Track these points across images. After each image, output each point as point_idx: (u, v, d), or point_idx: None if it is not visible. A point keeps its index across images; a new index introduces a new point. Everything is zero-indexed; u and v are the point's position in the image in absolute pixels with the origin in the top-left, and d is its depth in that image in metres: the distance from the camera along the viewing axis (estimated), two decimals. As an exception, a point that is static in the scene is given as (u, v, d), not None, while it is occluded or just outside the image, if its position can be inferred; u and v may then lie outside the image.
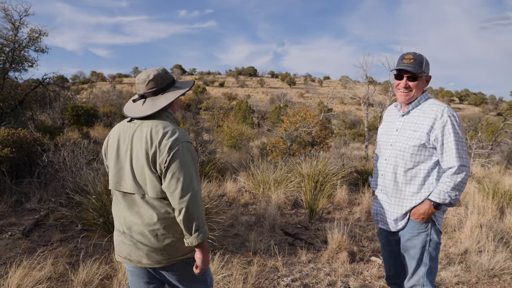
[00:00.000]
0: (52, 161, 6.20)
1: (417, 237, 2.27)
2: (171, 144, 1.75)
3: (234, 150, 12.16)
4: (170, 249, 1.87)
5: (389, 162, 2.33)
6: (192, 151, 1.83)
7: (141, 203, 1.84)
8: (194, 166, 1.81)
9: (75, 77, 57.12)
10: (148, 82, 1.89)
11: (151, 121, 1.84)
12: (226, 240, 4.57)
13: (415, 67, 2.20)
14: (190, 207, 1.74)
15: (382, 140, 2.45)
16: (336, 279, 3.63)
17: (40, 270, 3.35)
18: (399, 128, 2.35)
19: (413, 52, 2.26)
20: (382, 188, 2.41)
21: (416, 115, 2.28)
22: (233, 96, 43.55)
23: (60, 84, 10.76)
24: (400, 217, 2.31)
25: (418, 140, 2.20)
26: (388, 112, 2.56)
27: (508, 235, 4.75)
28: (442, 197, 2.14)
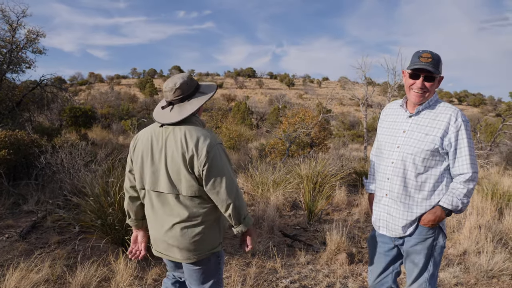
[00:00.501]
0: (49, 163, 6.18)
1: (423, 243, 2.19)
2: (208, 148, 1.91)
3: (233, 151, 12.14)
4: (198, 245, 2.04)
5: (397, 165, 2.18)
6: (225, 151, 2.03)
7: (173, 202, 2.00)
8: (230, 165, 2.01)
9: (73, 78, 57.12)
10: (175, 90, 2.01)
11: (183, 126, 1.98)
12: (224, 241, 4.50)
13: (433, 67, 2.06)
14: (236, 202, 1.97)
15: (386, 141, 2.29)
16: (335, 280, 3.62)
17: (38, 273, 3.33)
18: (407, 129, 2.21)
19: (430, 51, 2.11)
20: (388, 193, 2.24)
21: (427, 117, 2.16)
22: (231, 97, 43.54)
23: (58, 85, 10.75)
24: (409, 223, 2.19)
25: (432, 144, 2.09)
26: (389, 111, 2.40)
27: (507, 236, 4.75)
28: (455, 204, 2.09)
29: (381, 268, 2.40)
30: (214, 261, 2.15)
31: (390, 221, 2.25)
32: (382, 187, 2.29)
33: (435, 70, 2.07)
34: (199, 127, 2.00)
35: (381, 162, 2.32)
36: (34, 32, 9.32)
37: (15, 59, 9.25)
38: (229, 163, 2.02)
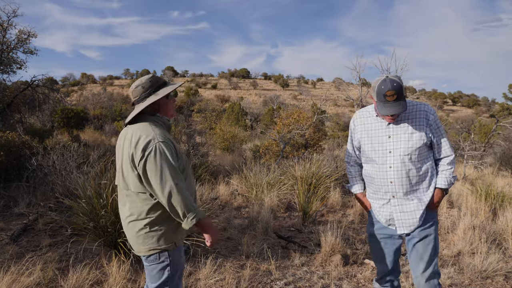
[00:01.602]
0: (41, 165, 6.11)
1: (431, 228, 2.43)
2: (144, 146, 1.98)
3: (227, 153, 12.11)
4: (143, 240, 2.10)
5: (397, 168, 2.36)
6: (167, 149, 2.01)
7: (126, 197, 2.14)
8: (168, 163, 1.98)
9: (65, 79, 56.75)
10: (132, 91, 2.18)
11: (135, 125, 2.13)
12: (218, 244, 4.53)
13: (401, 103, 2.20)
14: (171, 199, 1.97)
15: (373, 149, 2.43)
16: (329, 282, 3.61)
17: (29, 276, 3.30)
18: (391, 134, 2.39)
19: (391, 85, 2.18)
20: (394, 194, 2.41)
21: (405, 119, 2.37)
22: (225, 98, 43.55)
23: (50, 86, 10.60)
24: (423, 212, 2.40)
25: (421, 140, 2.33)
26: (361, 120, 2.52)
27: (500, 237, 4.77)
28: (449, 183, 2.40)
29: (391, 258, 2.57)
30: (162, 260, 2.16)
31: (406, 217, 2.42)
32: (386, 191, 2.44)
33: (401, 108, 2.20)
34: (150, 126, 2.08)
35: (376, 169, 2.45)
36: (25, 32, 9.22)
37: (6, 59, 9.13)
38: (168, 161, 1.99)
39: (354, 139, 2.59)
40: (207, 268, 3.59)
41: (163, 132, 2.10)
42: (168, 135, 2.13)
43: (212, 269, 3.60)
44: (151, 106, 2.16)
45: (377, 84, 2.24)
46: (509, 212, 5.15)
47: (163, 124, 2.19)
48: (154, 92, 2.16)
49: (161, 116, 2.20)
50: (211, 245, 2.22)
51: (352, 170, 2.73)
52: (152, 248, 2.11)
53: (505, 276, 3.80)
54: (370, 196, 2.59)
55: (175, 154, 2.07)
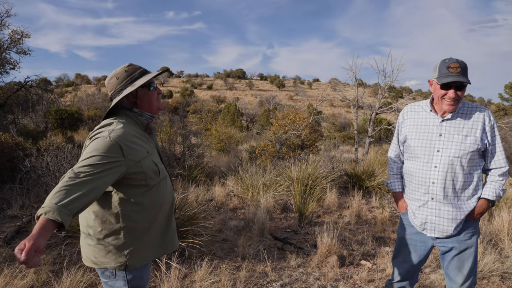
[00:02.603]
0: (34, 166, 6.05)
1: (471, 239, 2.33)
2: (93, 134, 1.74)
3: (223, 154, 12.08)
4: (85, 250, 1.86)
5: (443, 169, 2.23)
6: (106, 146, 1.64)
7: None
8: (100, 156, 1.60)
9: (59, 79, 56.44)
10: (107, 84, 1.92)
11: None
12: (214, 245, 4.50)
13: (464, 76, 2.14)
14: (62, 178, 1.54)
15: (420, 145, 2.32)
16: (325, 283, 3.60)
17: (22, 279, 3.26)
18: (443, 133, 2.26)
19: (456, 59, 2.16)
20: (434, 196, 2.28)
21: (461, 119, 2.25)
22: (221, 99, 43.50)
23: (43, 87, 10.52)
24: (461, 221, 2.28)
25: (475, 145, 2.20)
26: (413, 114, 2.44)
27: (496, 237, 4.78)
28: (497, 195, 2.27)
29: (414, 266, 2.50)
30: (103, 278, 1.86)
31: (441, 223, 2.31)
32: (426, 191, 2.32)
33: (466, 80, 2.14)
34: (116, 122, 1.78)
35: (419, 167, 2.34)
36: (19, 32, 9.14)
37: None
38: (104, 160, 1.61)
39: (400, 133, 2.49)
40: (203, 270, 3.57)
41: (127, 131, 1.76)
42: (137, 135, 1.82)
43: (207, 270, 3.58)
44: (128, 99, 1.87)
45: (440, 61, 2.22)
46: (505, 212, 5.17)
47: (137, 121, 1.89)
48: (131, 83, 1.86)
49: (139, 112, 1.90)
50: (22, 257, 1.27)
51: (394, 167, 2.59)
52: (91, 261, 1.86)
53: (501, 277, 3.81)
54: (408, 196, 2.48)
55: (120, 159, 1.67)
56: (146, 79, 1.86)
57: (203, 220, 4.53)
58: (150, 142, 1.95)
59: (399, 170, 2.56)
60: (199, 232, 4.26)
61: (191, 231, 4.23)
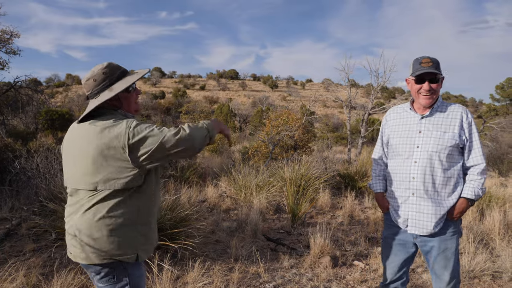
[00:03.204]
0: (24, 168, 5.97)
1: (452, 237, 2.33)
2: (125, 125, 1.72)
3: (215, 155, 12.05)
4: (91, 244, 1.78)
5: (422, 164, 2.29)
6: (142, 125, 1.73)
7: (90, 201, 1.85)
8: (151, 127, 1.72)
9: (50, 80, 55.92)
10: (84, 84, 1.84)
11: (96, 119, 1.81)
12: (207, 247, 4.48)
13: (435, 69, 2.26)
14: (181, 137, 1.71)
15: (401, 143, 2.40)
16: (318, 284, 3.60)
17: (12, 282, 3.20)
18: (422, 130, 2.34)
19: (427, 56, 2.30)
20: (414, 192, 2.33)
21: (439, 117, 2.33)
22: (214, 100, 43.44)
23: (33, 87, 10.38)
24: (440, 218, 2.30)
25: (453, 140, 2.26)
26: (394, 115, 2.54)
27: (487, 237, 4.82)
28: (476, 193, 2.28)
29: (400, 266, 2.50)
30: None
31: (420, 218, 2.33)
32: (407, 187, 2.37)
33: (438, 71, 2.27)
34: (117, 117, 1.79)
35: (400, 164, 2.41)
36: (8, 32, 9.01)
37: (-13, 60, 8.92)
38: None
39: (384, 134, 2.58)
40: (195, 271, 3.53)
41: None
42: None
43: (200, 272, 3.55)
44: (109, 103, 1.81)
45: (413, 60, 2.34)
46: (496, 212, 5.21)
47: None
48: (109, 86, 1.80)
49: (123, 113, 1.87)
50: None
51: (377, 168, 2.65)
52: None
53: (492, 276, 3.84)
54: (390, 194, 2.52)
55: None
56: (125, 85, 1.80)
57: (195, 222, 4.50)
58: None
59: (382, 172, 2.62)
60: (192, 234, 4.23)
61: (184, 232, 4.20)
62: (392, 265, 2.52)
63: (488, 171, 11.87)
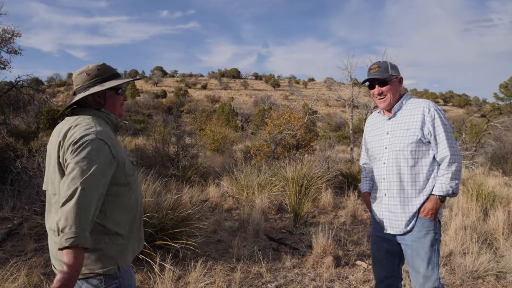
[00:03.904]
0: (26, 167, 5.97)
1: (426, 236, 2.28)
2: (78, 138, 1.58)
3: (217, 154, 12.04)
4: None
5: (389, 164, 2.34)
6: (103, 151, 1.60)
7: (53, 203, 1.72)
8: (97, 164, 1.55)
9: (51, 79, 56.01)
10: (75, 78, 1.83)
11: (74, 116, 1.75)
12: (208, 246, 4.46)
13: (381, 73, 2.35)
14: (67, 201, 1.45)
15: (374, 146, 2.48)
16: (321, 284, 3.58)
17: (13, 282, 3.20)
18: (389, 131, 2.39)
19: (377, 61, 2.42)
20: (386, 192, 2.38)
21: (404, 115, 2.36)
22: (216, 99, 43.45)
23: (35, 86, 10.36)
24: (411, 217, 2.30)
25: (414, 136, 2.26)
26: (371, 121, 2.63)
27: (491, 237, 4.79)
28: (445, 189, 2.21)
29: (387, 263, 2.47)
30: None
31: (393, 218, 2.35)
32: (380, 188, 2.43)
33: (384, 75, 2.35)
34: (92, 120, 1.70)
35: (374, 166, 2.49)
36: (9, 31, 8.99)
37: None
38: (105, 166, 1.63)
39: (365, 140, 2.65)
40: (197, 271, 3.52)
41: (107, 131, 1.71)
42: (113, 137, 1.74)
43: (202, 272, 3.54)
44: (94, 98, 1.79)
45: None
46: (500, 212, 5.17)
47: (109, 121, 1.82)
48: (100, 82, 1.80)
49: (107, 112, 1.82)
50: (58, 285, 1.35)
51: (364, 171, 2.70)
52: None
53: (496, 276, 3.80)
54: (372, 196, 2.56)
55: (112, 162, 1.64)
56: (117, 83, 1.81)
57: (197, 221, 4.49)
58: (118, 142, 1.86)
59: (369, 174, 2.65)
60: (193, 233, 4.22)
61: (185, 232, 4.19)
62: (377, 263, 2.53)
63: (491, 170, 11.83)
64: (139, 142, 12.61)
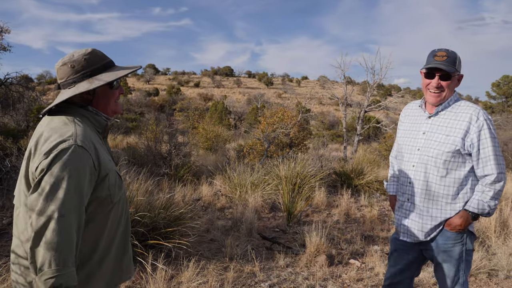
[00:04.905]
0: (15, 166, 5.88)
1: (452, 249, 2.12)
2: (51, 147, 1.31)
3: (210, 153, 11.98)
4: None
5: (418, 169, 2.13)
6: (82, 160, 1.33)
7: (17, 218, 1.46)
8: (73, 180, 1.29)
9: (41, 76, 55.28)
10: (58, 69, 1.51)
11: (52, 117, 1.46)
12: (201, 245, 4.43)
13: (448, 65, 2.03)
14: (40, 233, 1.20)
15: (407, 144, 2.23)
16: (314, 283, 3.57)
17: (3, 283, 3.16)
18: (426, 131, 2.15)
19: (445, 49, 2.06)
20: (409, 197, 2.20)
21: (447, 118, 2.10)
22: (208, 97, 43.23)
23: (24, 84, 10.22)
24: (433, 228, 2.13)
25: (453, 145, 2.02)
26: (408, 112, 2.35)
27: (483, 235, 4.82)
28: (481, 208, 2.01)
29: (400, 269, 2.34)
30: None
31: (412, 226, 2.20)
32: (404, 192, 2.25)
33: (450, 68, 2.03)
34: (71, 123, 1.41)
35: (402, 166, 2.27)
36: (-2, 27, 8.85)
37: (-22, 56, 8.77)
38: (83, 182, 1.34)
39: (398, 132, 2.39)
40: (190, 271, 3.50)
41: (90, 136, 1.42)
42: (96, 142, 1.45)
43: (194, 272, 3.51)
44: (80, 94, 1.46)
45: (431, 50, 2.12)
46: (491, 210, 5.20)
47: (94, 122, 1.51)
48: (89, 76, 1.47)
49: (95, 111, 1.52)
50: None
51: (392, 169, 2.47)
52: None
53: (488, 274, 3.84)
54: (397, 197, 2.38)
55: (93, 173, 1.37)
56: (112, 77, 1.49)
57: (190, 220, 4.46)
58: (104, 147, 1.56)
59: (397, 174, 2.43)
60: (186, 233, 4.18)
61: (178, 231, 4.16)
62: (392, 268, 2.39)
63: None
64: (131, 141, 12.51)
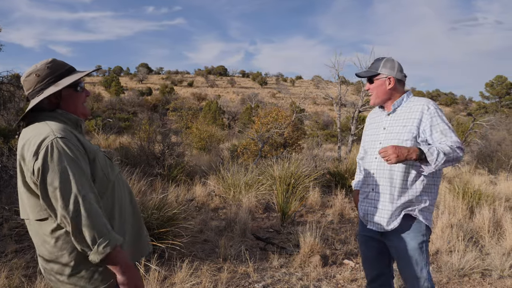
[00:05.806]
0: (6, 166, 5.81)
1: (414, 239, 2.24)
2: (36, 148, 1.43)
3: (204, 153, 11.94)
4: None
5: (380, 159, 2.28)
6: (70, 146, 1.46)
7: (30, 230, 1.61)
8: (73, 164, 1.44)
9: (34, 76, 54.68)
10: (24, 81, 1.64)
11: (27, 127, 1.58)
12: (194, 246, 4.41)
13: (368, 71, 2.38)
14: (76, 218, 1.39)
15: (370, 140, 2.45)
16: (308, 283, 3.56)
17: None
18: (386, 126, 2.36)
19: (378, 58, 2.41)
20: (374, 187, 2.34)
21: (403, 112, 2.32)
22: (202, 97, 43.14)
23: (16, 83, 10.11)
24: (394, 213, 2.24)
25: (410, 133, 2.21)
26: (372, 115, 2.59)
27: (477, 235, 4.85)
28: (431, 151, 2.03)
29: (375, 260, 2.46)
30: None
31: (376, 214, 2.32)
32: (368, 183, 2.40)
33: (369, 74, 2.36)
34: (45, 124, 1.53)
35: (366, 160, 2.46)
36: (-12, 26, 8.74)
37: (-32, 54, 8.64)
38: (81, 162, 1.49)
39: (363, 136, 2.61)
40: (183, 271, 3.47)
41: (64, 127, 1.53)
42: (74, 131, 1.57)
43: (188, 272, 3.48)
44: (48, 100, 1.59)
45: None
46: (485, 210, 5.24)
47: (66, 120, 1.61)
48: (54, 82, 1.60)
49: (65, 112, 1.63)
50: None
51: (358, 168, 2.65)
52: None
53: (481, 274, 3.85)
54: (360, 191, 2.51)
55: (84, 155, 1.52)
56: (74, 78, 1.61)
57: (183, 221, 4.43)
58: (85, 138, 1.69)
59: (363, 171, 2.58)
60: (179, 233, 4.15)
61: (171, 232, 4.12)
62: (365, 261, 2.52)
63: (477, 168, 12.01)
64: (123, 141, 12.43)
